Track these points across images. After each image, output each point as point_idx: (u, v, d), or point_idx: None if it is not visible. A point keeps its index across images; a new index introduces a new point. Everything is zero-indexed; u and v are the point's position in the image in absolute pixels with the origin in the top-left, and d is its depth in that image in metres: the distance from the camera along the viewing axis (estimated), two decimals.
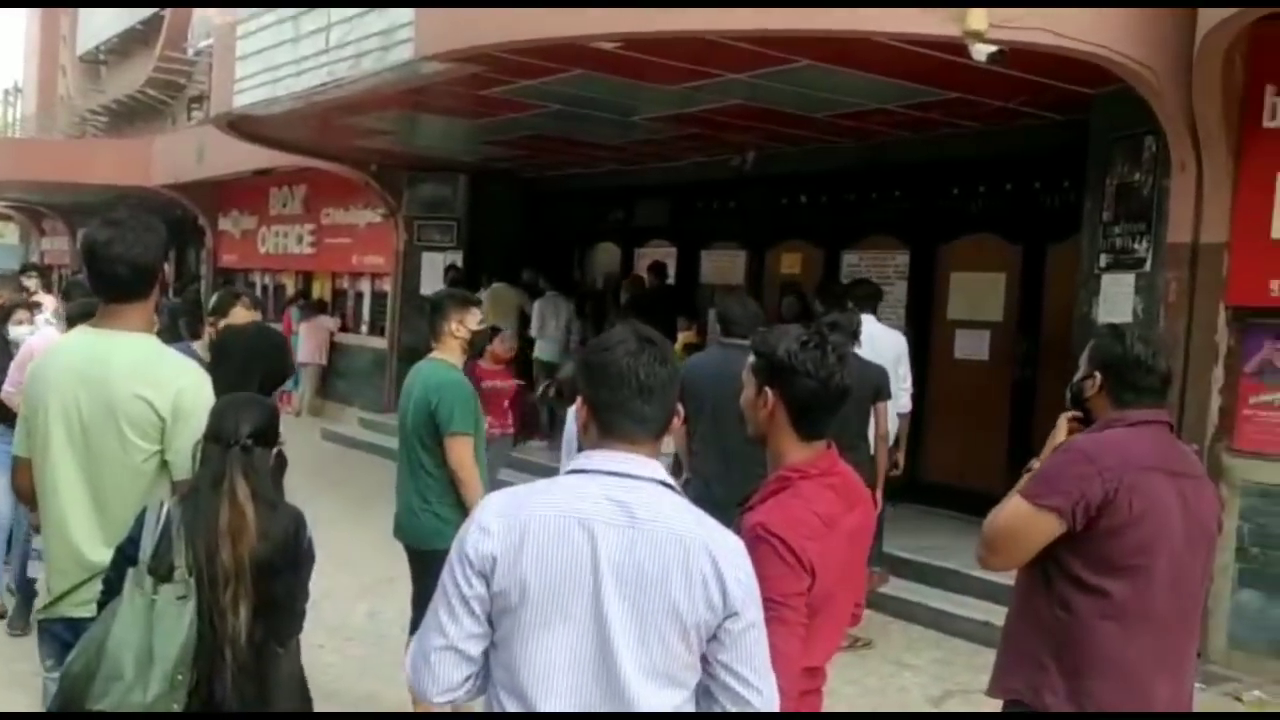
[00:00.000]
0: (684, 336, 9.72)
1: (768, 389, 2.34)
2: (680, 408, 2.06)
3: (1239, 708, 5.41)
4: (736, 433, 2.65)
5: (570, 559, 1.85)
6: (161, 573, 2.46)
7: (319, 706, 4.51)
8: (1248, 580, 5.85)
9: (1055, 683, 2.58)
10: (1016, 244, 8.75)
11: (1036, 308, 8.49)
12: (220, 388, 2.85)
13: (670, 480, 1.97)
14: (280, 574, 2.53)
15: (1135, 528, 2.53)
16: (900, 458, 6.66)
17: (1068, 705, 2.56)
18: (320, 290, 16.29)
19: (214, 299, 4.67)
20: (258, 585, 2.47)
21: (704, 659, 1.89)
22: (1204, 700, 5.50)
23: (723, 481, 4.47)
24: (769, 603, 2.13)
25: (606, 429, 1.96)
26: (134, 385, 2.69)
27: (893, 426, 6.37)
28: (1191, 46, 5.58)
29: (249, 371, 3.57)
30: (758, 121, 8.77)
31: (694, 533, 1.88)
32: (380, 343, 14.04)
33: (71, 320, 4.65)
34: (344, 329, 15.31)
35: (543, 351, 11.34)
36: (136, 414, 2.69)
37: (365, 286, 15.26)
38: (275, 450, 2.67)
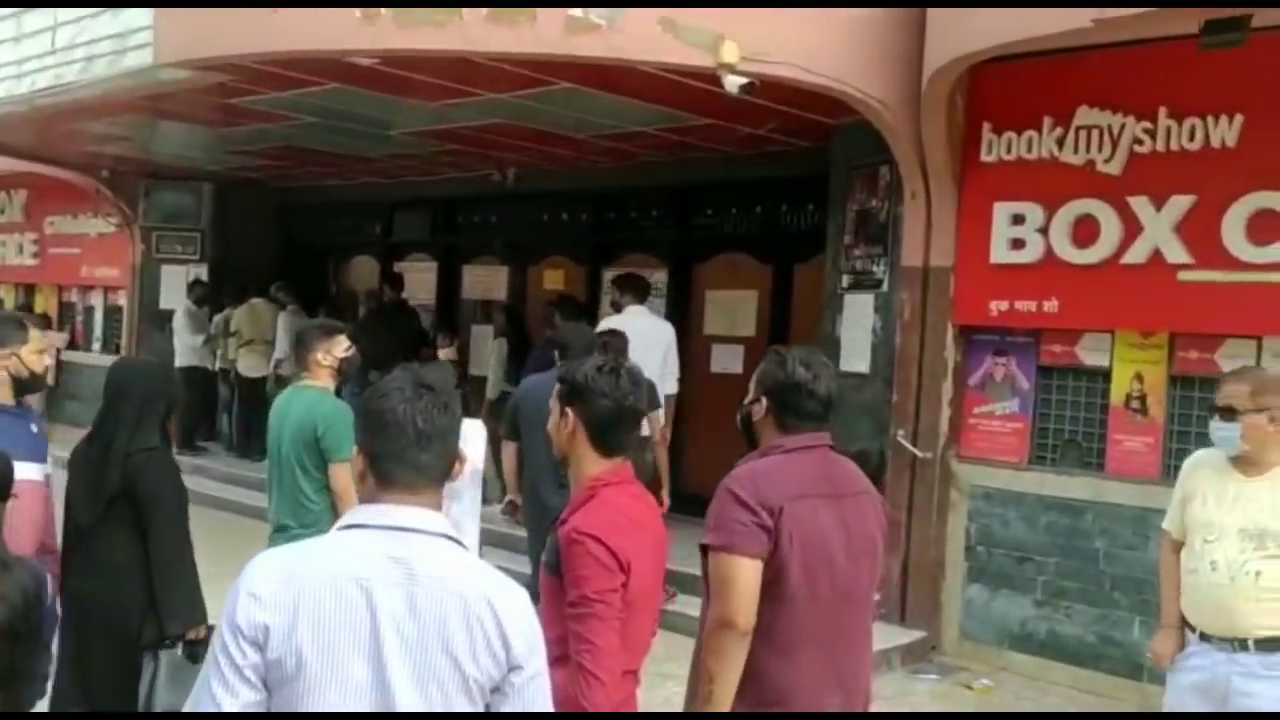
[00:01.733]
0: (445, 354, 9.60)
1: (569, 410, 2.57)
2: (463, 454, 2.03)
3: (969, 695, 5.88)
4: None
5: (348, 623, 1.79)
6: None
7: None
8: (974, 576, 6.37)
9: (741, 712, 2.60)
10: (767, 263, 9.17)
11: (786, 324, 8.92)
12: None
13: (453, 533, 1.93)
14: (19, 640, 2.32)
15: (796, 556, 2.57)
16: (669, 433, 7.15)
17: None
18: (45, 304, 15.01)
19: None
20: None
21: (487, 708, 1.87)
22: (939, 689, 5.97)
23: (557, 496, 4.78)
24: (585, 600, 2.31)
25: (385, 479, 1.91)
26: None
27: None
28: (920, 84, 6.04)
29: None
30: (519, 139, 8.80)
31: (475, 587, 1.86)
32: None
33: None
34: (73, 346, 14.18)
35: (285, 369, 10.93)
36: None
37: (97, 300, 14.19)
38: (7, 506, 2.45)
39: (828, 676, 2.66)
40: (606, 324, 7.39)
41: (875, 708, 2.94)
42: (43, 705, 4.02)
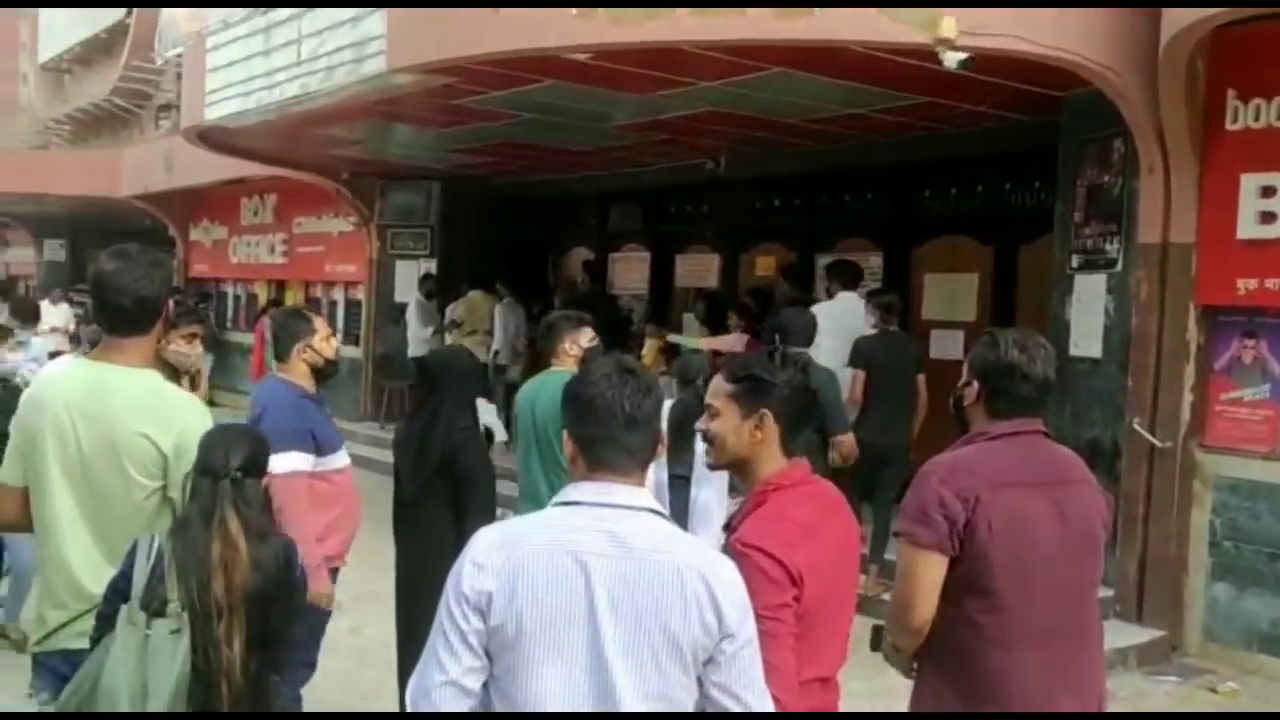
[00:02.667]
0: (652, 343, 9.69)
1: (764, 410, 2.39)
2: (664, 434, 2.09)
3: (1215, 699, 5.51)
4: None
5: (565, 591, 1.88)
6: (154, 608, 2.45)
7: None
8: (1220, 574, 5.96)
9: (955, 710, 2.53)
10: (988, 245, 8.84)
11: (1010, 307, 8.58)
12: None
13: (660, 508, 2.00)
14: (273, 604, 2.53)
15: (998, 547, 2.45)
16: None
17: None
18: (293, 300, 16.20)
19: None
20: (251, 617, 2.47)
21: (699, 680, 1.93)
22: (1179, 692, 5.62)
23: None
24: (756, 616, 2.15)
25: (595, 462, 2.00)
26: (137, 423, 2.68)
27: None
28: (1156, 51, 5.67)
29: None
30: (730, 126, 8.82)
31: (687, 558, 1.92)
32: (355, 352, 13.97)
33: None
34: None
35: (503, 357, 11.38)
36: (139, 451, 2.68)
37: (339, 295, 15.19)
38: (264, 481, 2.67)
39: (1053, 676, 2.53)
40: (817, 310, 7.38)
41: (1110, 708, 2.79)
42: (390, 671, 4.48)
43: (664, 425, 2.12)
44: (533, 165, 11.77)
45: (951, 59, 5.63)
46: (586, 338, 4.75)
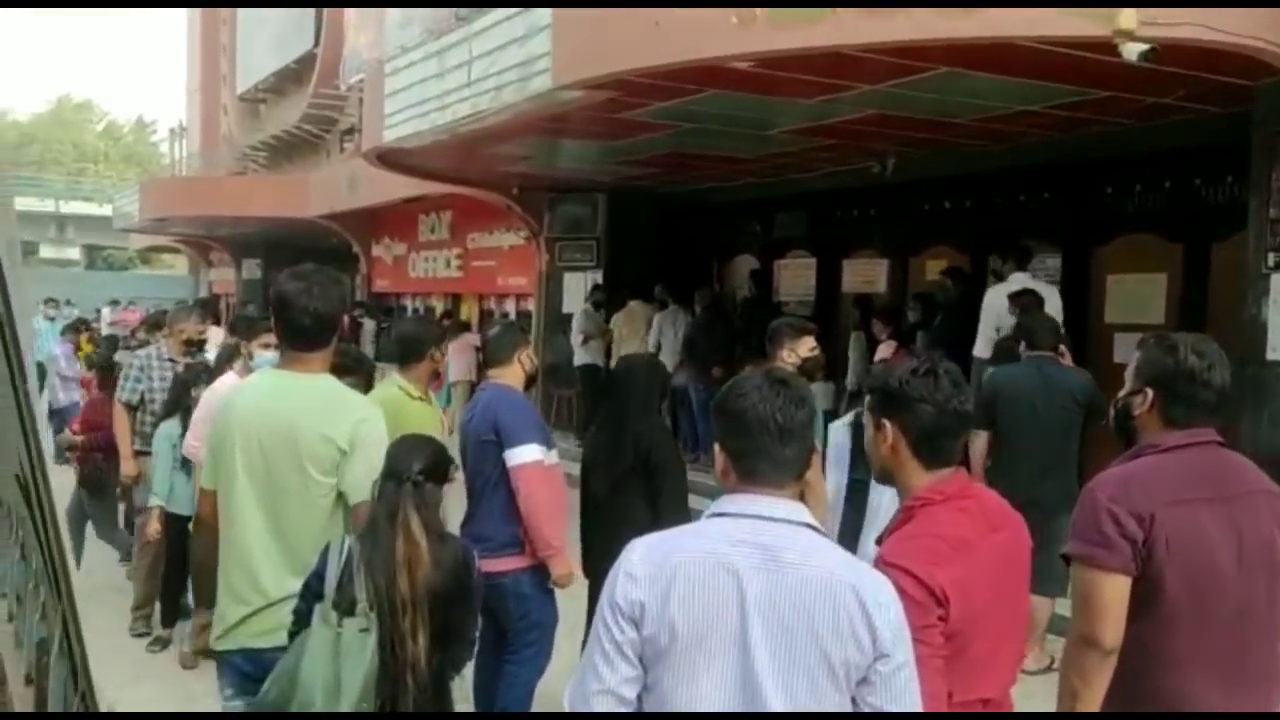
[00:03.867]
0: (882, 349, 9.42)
1: (886, 422, 2.33)
2: (817, 445, 2.07)
3: None
4: (1054, 437, 2.65)
5: (717, 603, 1.87)
6: (345, 607, 2.61)
7: None
8: None
9: None
10: (1177, 243, 8.38)
11: (1201, 308, 8.10)
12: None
13: (814, 522, 1.97)
14: (453, 602, 2.66)
15: (1174, 567, 2.35)
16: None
17: None
18: (467, 312, 16.78)
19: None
20: (433, 613, 2.61)
21: (854, 700, 1.89)
22: None
23: (1036, 484, 5.02)
24: None
25: (748, 475, 1.99)
26: (319, 426, 2.86)
27: None
28: None
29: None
30: (897, 129, 8.64)
31: (841, 575, 1.89)
32: None
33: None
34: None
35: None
36: (320, 452, 2.85)
37: (510, 307, 15.67)
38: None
39: (1227, 700, 2.39)
40: (991, 294, 7.26)
41: None
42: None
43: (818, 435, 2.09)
44: (696, 174, 11.83)
45: (1132, 50, 5.36)
46: (807, 347, 4.77)
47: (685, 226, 13.54)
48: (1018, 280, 7.51)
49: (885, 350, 8.14)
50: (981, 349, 7.56)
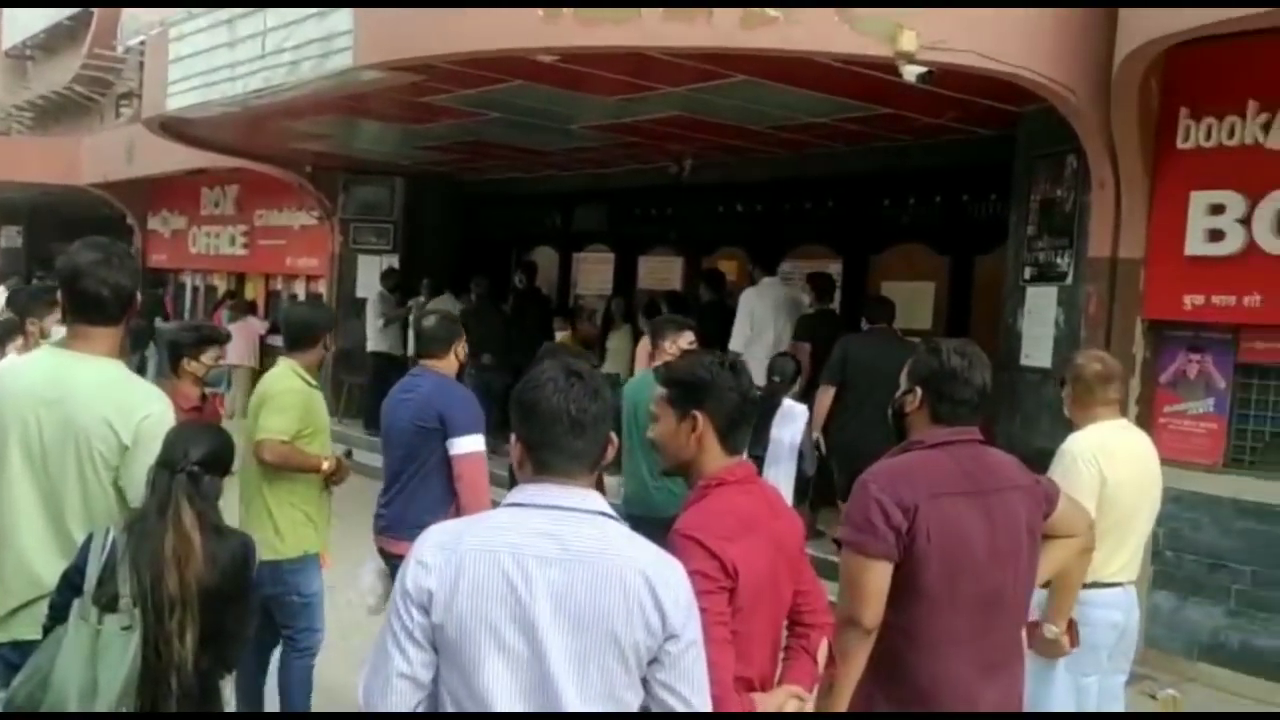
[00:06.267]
0: (561, 337, 9.76)
1: (697, 412, 2.44)
2: (614, 437, 2.10)
3: (1153, 705, 5.63)
4: (890, 395, 2.81)
5: (505, 592, 1.89)
6: (105, 602, 2.45)
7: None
8: (1161, 583, 6.09)
9: (884, 711, 2.59)
10: (945, 254, 8.98)
11: (964, 316, 8.72)
12: None
13: (607, 509, 2.01)
14: (228, 602, 2.53)
15: (934, 557, 2.51)
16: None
17: None
18: (253, 292, 16.09)
19: None
20: (205, 613, 2.47)
21: (644, 679, 1.95)
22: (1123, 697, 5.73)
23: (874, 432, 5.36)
24: None
25: (541, 466, 2.01)
26: (99, 409, 2.70)
27: None
28: (1110, 70, 5.80)
29: None
30: (695, 132, 8.89)
31: (630, 559, 1.93)
32: None
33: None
34: (276, 331, 15.13)
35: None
36: (100, 438, 2.69)
37: (300, 289, 15.11)
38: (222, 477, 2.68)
39: (979, 675, 2.60)
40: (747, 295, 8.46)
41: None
42: None
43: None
44: (498, 163, 11.78)
45: (911, 72, 5.72)
46: (686, 340, 5.15)
47: (486, 215, 13.46)
48: (767, 283, 8.63)
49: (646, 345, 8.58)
50: (737, 344, 8.14)
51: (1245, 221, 5.72)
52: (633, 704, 1.96)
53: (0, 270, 21.21)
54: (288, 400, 4.35)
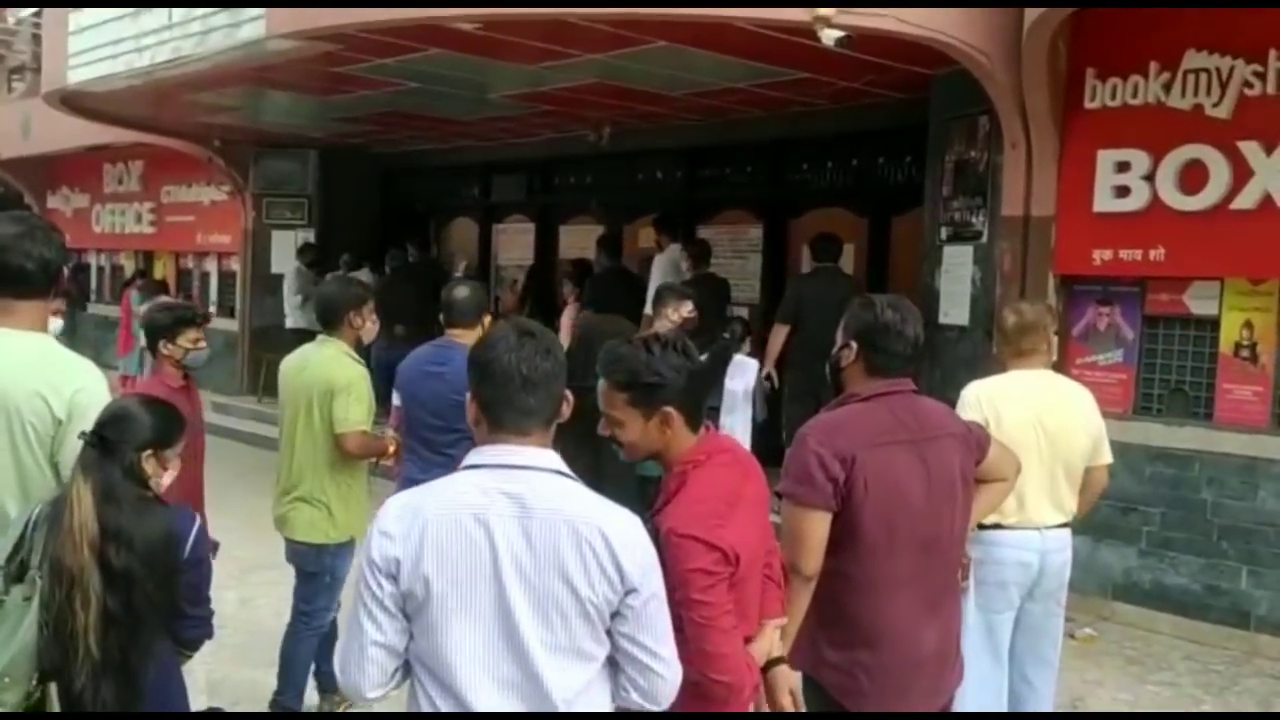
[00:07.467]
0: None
1: (670, 409, 2.39)
2: (569, 395, 2.12)
3: (1072, 644, 5.88)
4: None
5: (469, 553, 1.93)
6: (14, 573, 2.43)
7: (203, 698, 4.51)
8: (1077, 527, 6.28)
9: (830, 655, 2.69)
10: (863, 217, 9.14)
11: (883, 276, 8.90)
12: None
13: (563, 468, 2.05)
14: (139, 582, 2.46)
15: (872, 504, 2.59)
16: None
17: (844, 676, 2.67)
18: (162, 271, 15.67)
19: None
20: (110, 588, 2.42)
21: (609, 632, 2.00)
22: None
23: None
24: (696, 604, 2.23)
25: (496, 424, 2.04)
26: (31, 383, 2.64)
27: None
28: (1020, 32, 5.95)
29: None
30: (613, 99, 8.89)
31: (588, 517, 1.97)
32: (231, 324, 13.61)
33: None
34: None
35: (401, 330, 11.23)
36: (32, 412, 2.64)
37: (212, 266, 14.76)
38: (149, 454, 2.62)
39: (918, 614, 2.70)
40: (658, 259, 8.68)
41: None
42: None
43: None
44: (415, 134, 11.63)
45: (829, 36, 5.81)
46: (686, 309, 5.50)
47: (403, 187, 13.28)
48: (672, 250, 8.95)
49: (569, 314, 8.60)
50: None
51: (1149, 178, 5.95)
52: (599, 656, 2.01)
53: None
54: (363, 389, 4.36)
